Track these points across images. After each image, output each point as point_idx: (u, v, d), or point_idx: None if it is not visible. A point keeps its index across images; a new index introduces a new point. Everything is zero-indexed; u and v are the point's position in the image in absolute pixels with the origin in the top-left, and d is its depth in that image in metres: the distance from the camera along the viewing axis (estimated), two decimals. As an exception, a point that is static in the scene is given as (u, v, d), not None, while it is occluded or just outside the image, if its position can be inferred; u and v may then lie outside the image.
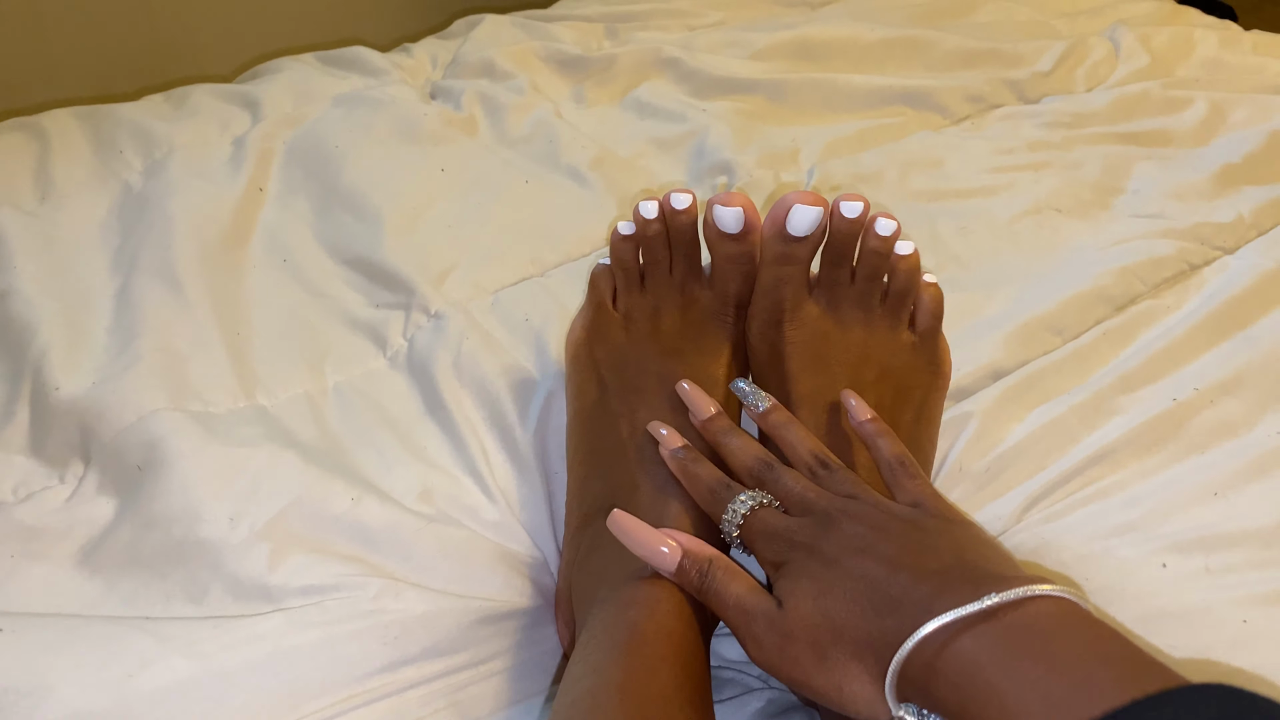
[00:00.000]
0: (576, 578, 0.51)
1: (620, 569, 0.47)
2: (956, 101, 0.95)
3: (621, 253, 0.58)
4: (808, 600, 0.40)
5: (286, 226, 0.76)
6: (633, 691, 0.39)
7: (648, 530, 0.45)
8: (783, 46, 1.00)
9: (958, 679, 0.34)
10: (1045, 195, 0.82)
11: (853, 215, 0.53)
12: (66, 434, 0.59)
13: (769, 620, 0.41)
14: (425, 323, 0.68)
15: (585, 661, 0.42)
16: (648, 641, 0.42)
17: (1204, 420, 0.60)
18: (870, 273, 0.55)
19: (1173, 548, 0.52)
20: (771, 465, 0.48)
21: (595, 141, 0.86)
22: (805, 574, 0.41)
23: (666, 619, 0.43)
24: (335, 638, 0.49)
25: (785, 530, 0.44)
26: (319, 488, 0.55)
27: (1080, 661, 0.33)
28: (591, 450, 0.55)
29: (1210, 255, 0.75)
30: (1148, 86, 0.95)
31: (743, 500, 0.46)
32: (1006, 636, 0.34)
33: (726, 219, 0.54)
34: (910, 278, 0.55)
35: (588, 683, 0.41)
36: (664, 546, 0.45)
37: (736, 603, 0.43)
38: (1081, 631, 0.34)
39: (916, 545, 0.40)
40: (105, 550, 0.53)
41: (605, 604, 0.45)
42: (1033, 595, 0.35)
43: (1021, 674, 0.33)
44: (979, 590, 0.36)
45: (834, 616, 0.39)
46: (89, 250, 0.72)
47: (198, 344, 0.65)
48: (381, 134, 0.84)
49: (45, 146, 0.82)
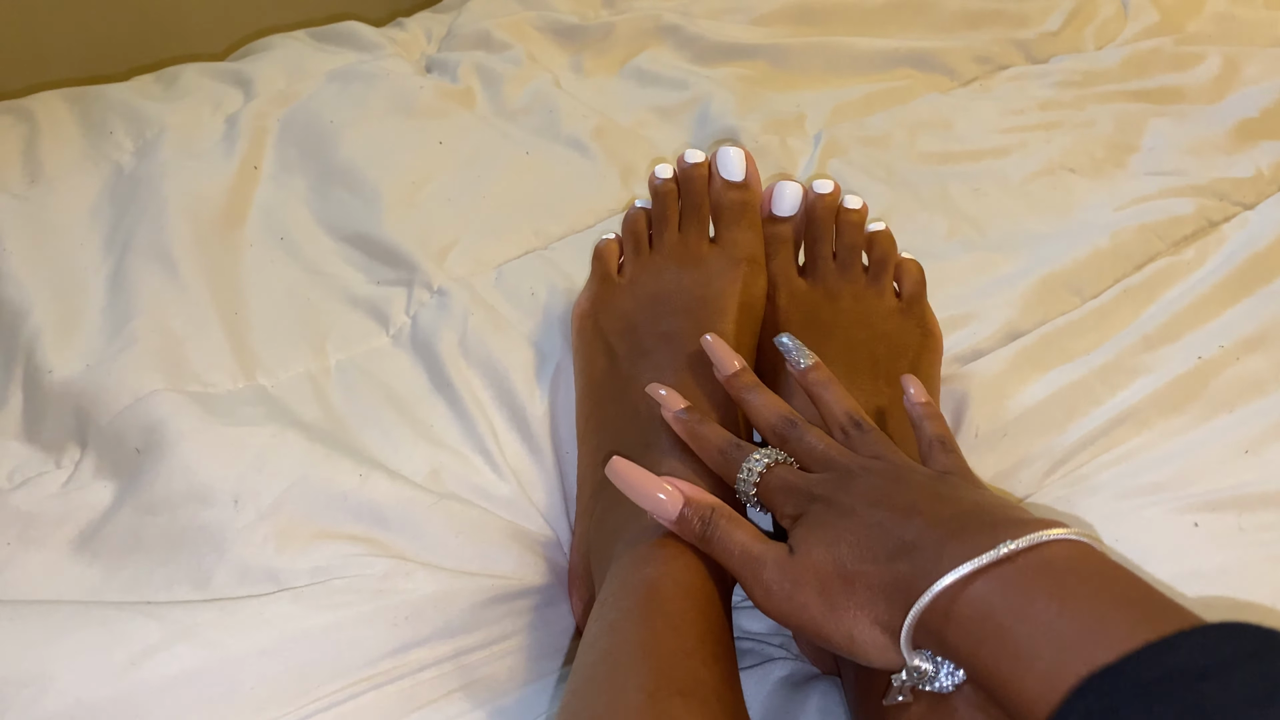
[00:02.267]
0: (594, 540, 0.50)
1: (636, 528, 0.46)
2: (964, 63, 0.93)
3: (633, 220, 0.60)
4: (819, 547, 0.39)
5: (283, 205, 0.75)
6: (654, 648, 0.38)
7: (647, 476, 0.44)
8: (784, 11, 0.98)
9: (969, 624, 0.34)
10: (1058, 155, 0.80)
11: (826, 191, 0.59)
12: (62, 418, 0.58)
13: (778, 566, 0.40)
14: (428, 299, 0.67)
15: (603, 619, 0.41)
16: (667, 598, 0.41)
17: (1230, 377, 0.59)
18: (849, 244, 0.59)
19: (1204, 506, 0.51)
20: (795, 423, 0.46)
21: (596, 111, 0.84)
22: (819, 523, 0.40)
23: (684, 575, 0.42)
24: (344, 621, 0.48)
25: (804, 485, 0.43)
26: (325, 466, 0.53)
27: (1093, 603, 0.32)
28: (603, 419, 0.54)
29: (1230, 211, 0.74)
30: (1159, 43, 0.93)
31: (757, 459, 0.45)
32: (1019, 580, 0.33)
33: (730, 161, 0.59)
34: (886, 247, 0.59)
35: (606, 641, 0.40)
36: (661, 492, 0.43)
37: (742, 550, 0.42)
38: (1095, 574, 0.33)
39: (933, 495, 0.40)
40: (104, 536, 0.52)
41: (620, 562, 0.44)
42: (1047, 540, 0.34)
43: (1033, 617, 0.32)
44: (995, 536, 0.35)
45: (845, 563, 0.38)
46: (81, 232, 0.70)
47: (194, 324, 0.63)
48: (377, 109, 0.82)
49: (34, 129, 0.80)
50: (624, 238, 0.60)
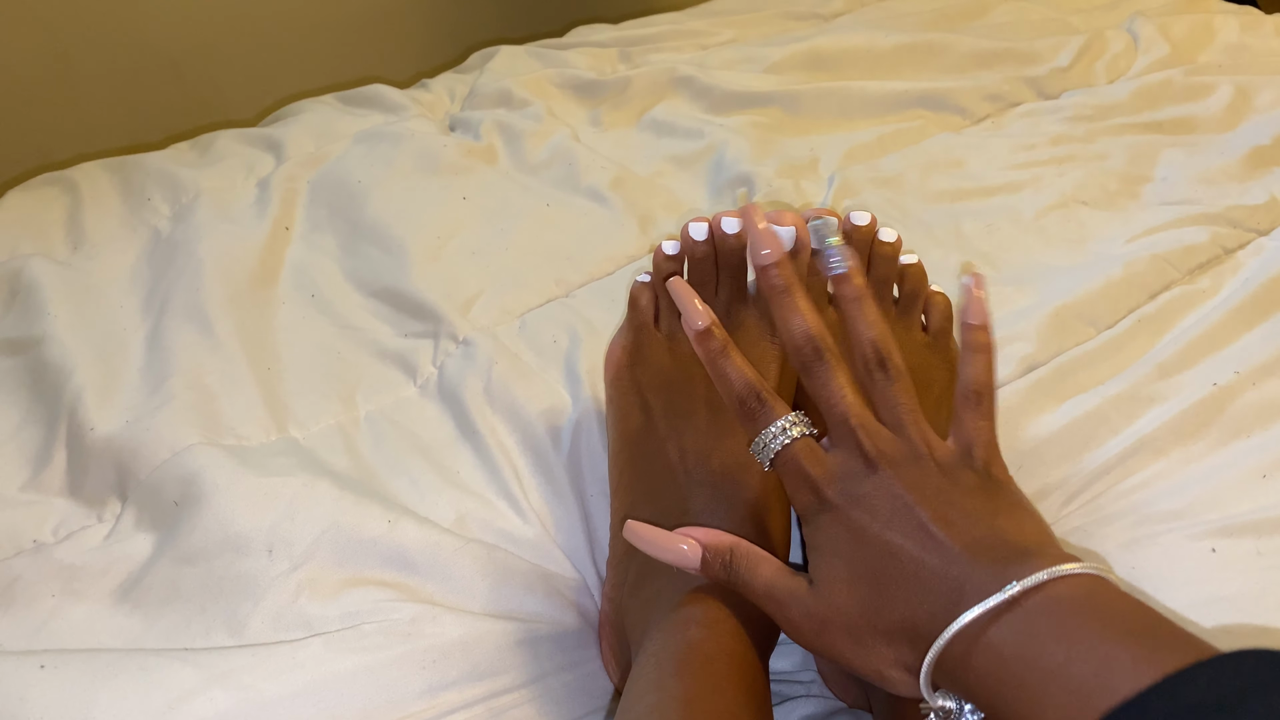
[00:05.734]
0: (628, 604, 0.50)
1: (674, 593, 0.47)
2: (975, 102, 0.95)
3: (665, 271, 0.57)
4: (840, 587, 0.40)
5: (313, 263, 0.77)
6: (699, 707, 0.39)
7: (663, 534, 0.44)
8: (796, 58, 1.00)
9: (983, 669, 0.34)
10: (1070, 189, 0.81)
11: (863, 223, 0.58)
12: (103, 473, 0.60)
13: (803, 607, 0.41)
14: (454, 350, 0.68)
15: (646, 678, 0.42)
16: (710, 660, 0.42)
17: (1247, 403, 0.59)
18: (881, 277, 0.58)
19: (1221, 532, 0.51)
20: (822, 355, 0.43)
21: (614, 162, 0.86)
22: (835, 551, 0.40)
23: (726, 639, 0.43)
24: (374, 664, 0.49)
25: (818, 479, 0.42)
26: (355, 512, 0.55)
27: (1100, 644, 0.32)
28: (638, 475, 0.54)
29: (1245, 238, 0.74)
30: (1170, 74, 0.94)
31: (774, 434, 0.43)
32: (1027, 625, 0.34)
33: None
34: (917, 281, 0.58)
35: (652, 698, 0.40)
36: (683, 545, 0.44)
37: (766, 591, 0.42)
38: (1103, 609, 0.34)
39: (949, 507, 0.39)
40: (144, 586, 0.53)
41: (662, 625, 0.45)
42: (1055, 577, 0.35)
43: (1043, 665, 0.33)
44: (1004, 573, 0.35)
45: (867, 604, 0.39)
46: (120, 295, 0.73)
47: (229, 380, 0.65)
48: (403, 167, 0.84)
49: (76, 198, 0.84)
50: (657, 290, 0.58)
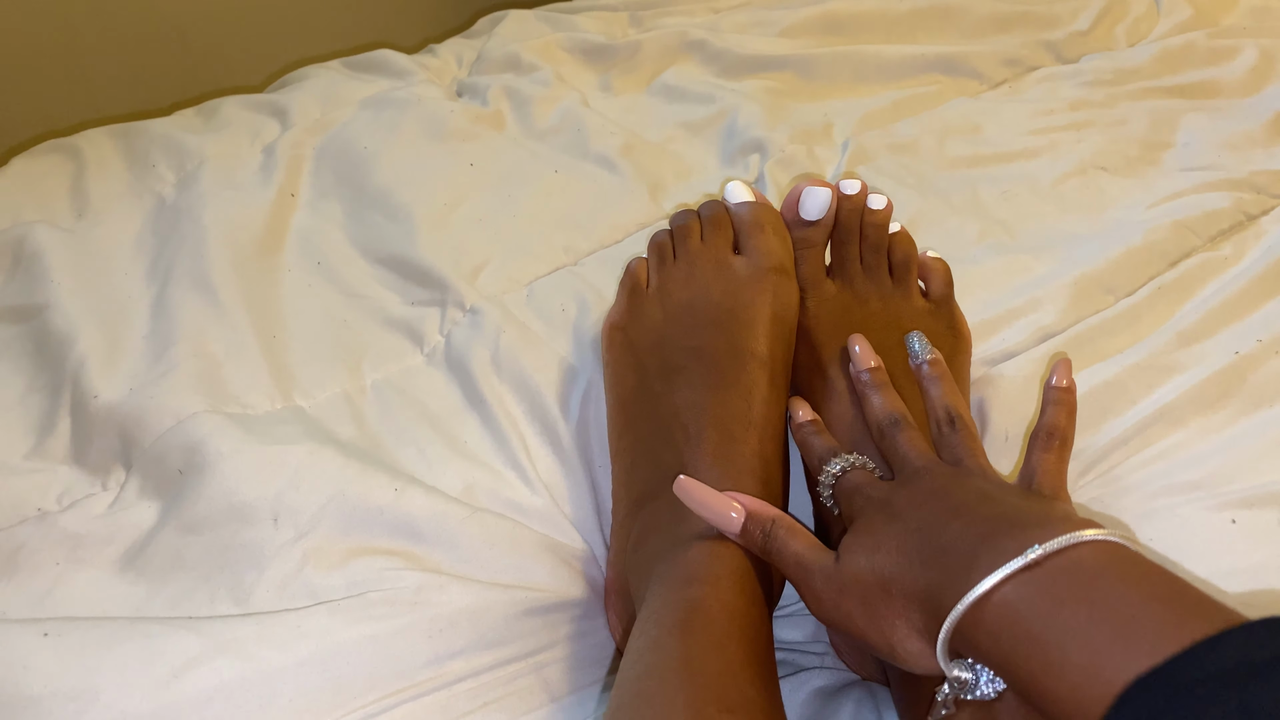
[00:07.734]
0: (631, 561, 0.50)
1: (676, 546, 0.47)
2: (992, 66, 0.93)
3: (659, 237, 0.60)
4: (861, 555, 0.41)
5: (319, 230, 0.76)
6: (699, 666, 0.39)
7: (715, 495, 0.46)
8: (810, 22, 0.98)
9: (1002, 632, 0.34)
10: (1089, 155, 0.79)
11: (853, 192, 0.58)
12: (107, 441, 0.59)
13: (825, 575, 0.41)
14: (461, 318, 0.67)
15: (646, 636, 0.42)
16: (712, 618, 0.41)
17: (1269, 372, 0.58)
18: (874, 246, 0.58)
19: (1241, 503, 0.50)
20: (898, 422, 0.49)
21: (624, 128, 0.85)
22: (866, 529, 0.42)
23: (729, 595, 0.43)
24: (380, 633, 0.48)
25: (869, 487, 0.45)
26: (361, 481, 0.54)
27: (1124, 605, 0.31)
28: (636, 436, 0.54)
29: (1268, 204, 0.72)
30: (1192, 38, 0.92)
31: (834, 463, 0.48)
32: (1049, 585, 0.33)
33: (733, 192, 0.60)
34: (905, 248, 0.59)
35: (651, 658, 0.40)
36: (733, 511, 0.45)
37: (796, 559, 0.43)
38: (1125, 574, 0.33)
39: (980, 496, 0.40)
40: (148, 555, 0.53)
41: (664, 580, 0.45)
42: (1078, 541, 0.34)
43: (1063, 623, 0.32)
44: (1025, 539, 0.35)
45: (883, 571, 0.39)
46: (124, 262, 0.72)
47: (234, 348, 0.65)
48: (409, 134, 0.83)
49: (80, 165, 0.83)
50: (649, 254, 0.60)
